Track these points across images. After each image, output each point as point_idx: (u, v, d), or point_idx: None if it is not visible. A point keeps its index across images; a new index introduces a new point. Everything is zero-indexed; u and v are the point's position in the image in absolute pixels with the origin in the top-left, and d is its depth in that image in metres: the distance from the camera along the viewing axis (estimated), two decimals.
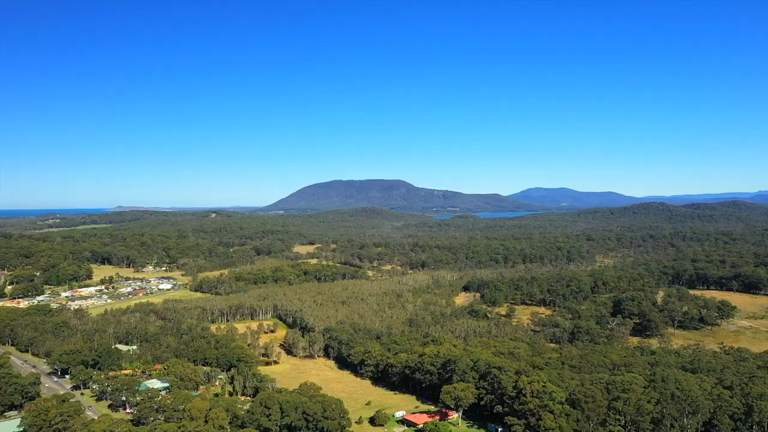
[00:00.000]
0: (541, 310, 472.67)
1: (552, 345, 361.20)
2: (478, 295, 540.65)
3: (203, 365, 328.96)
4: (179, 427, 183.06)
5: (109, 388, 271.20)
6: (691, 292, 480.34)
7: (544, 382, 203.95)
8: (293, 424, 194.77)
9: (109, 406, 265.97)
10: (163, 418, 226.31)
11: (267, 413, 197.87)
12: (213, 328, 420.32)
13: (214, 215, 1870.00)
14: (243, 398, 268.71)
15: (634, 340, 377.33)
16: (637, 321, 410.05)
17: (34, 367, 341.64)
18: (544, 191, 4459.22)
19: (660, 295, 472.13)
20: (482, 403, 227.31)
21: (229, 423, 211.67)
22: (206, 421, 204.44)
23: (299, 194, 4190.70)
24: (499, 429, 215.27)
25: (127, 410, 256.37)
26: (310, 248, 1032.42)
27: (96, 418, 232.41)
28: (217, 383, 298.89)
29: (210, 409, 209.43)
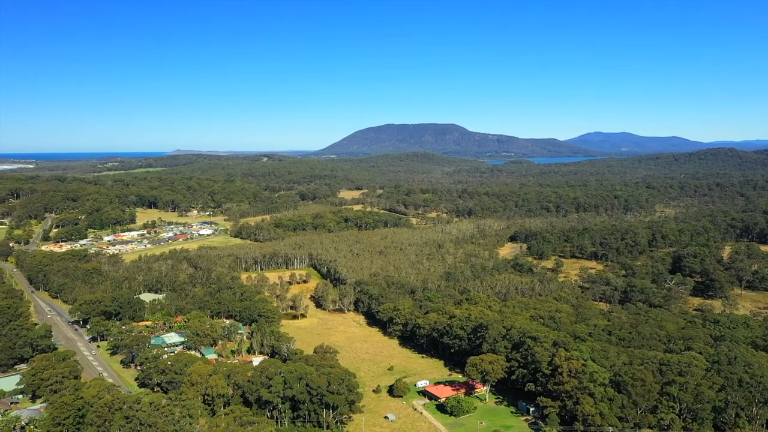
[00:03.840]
0: (592, 264, 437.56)
1: (601, 305, 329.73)
2: (524, 246, 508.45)
3: (227, 318, 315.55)
4: (168, 399, 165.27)
5: (122, 343, 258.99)
6: (762, 248, 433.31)
7: (585, 360, 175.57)
8: (296, 397, 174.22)
9: (121, 362, 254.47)
10: (165, 380, 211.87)
11: (268, 384, 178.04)
12: (244, 277, 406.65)
13: (265, 159, 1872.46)
14: (259, 357, 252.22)
15: (695, 302, 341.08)
16: (699, 280, 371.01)
17: (58, 315, 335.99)
18: (603, 136, 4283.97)
19: (726, 251, 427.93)
20: (513, 377, 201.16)
21: (232, 390, 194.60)
22: (206, 389, 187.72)
23: (352, 138, 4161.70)
24: (531, 409, 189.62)
25: (137, 367, 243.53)
26: (356, 194, 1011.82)
27: (97, 376, 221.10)
28: (237, 338, 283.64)
29: (211, 375, 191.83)
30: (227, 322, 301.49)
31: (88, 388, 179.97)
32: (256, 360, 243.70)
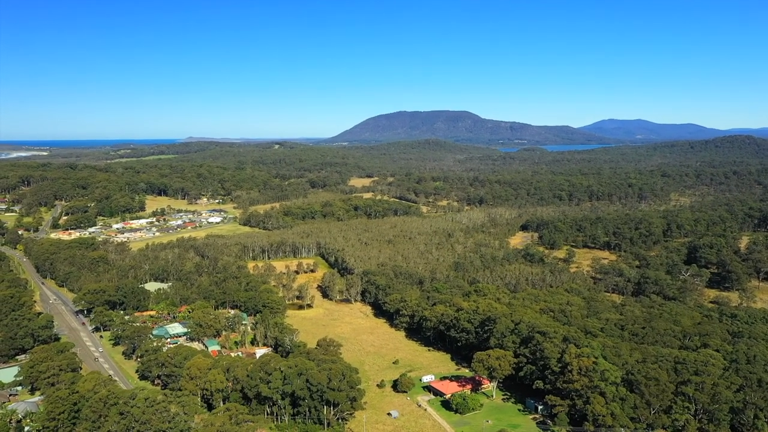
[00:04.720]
0: (605, 254, 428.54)
1: (614, 297, 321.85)
2: (536, 235, 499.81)
3: (232, 308, 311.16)
4: (163, 395, 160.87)
5: (123, 334, 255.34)
6: None
7: (596, 358, 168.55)
8: (296, 393, 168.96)
9: (123, 353, 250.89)
10: (165, 373, 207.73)
11: (267, 380, 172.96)
12: (251, 266, 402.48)
13: (277, 146, 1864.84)
14: (262, 349, 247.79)
15: (711, 293, 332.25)
16: (715, 271, 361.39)
17: (63, 304, 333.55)
18: (618, 123, 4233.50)
19: (743, 242, 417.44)
20: (521, 374, 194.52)
21: (232, 384, 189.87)
22: (205, 383, 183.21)
23: (364, 125, 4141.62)
24: (539, 407, 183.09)
25: (138, 359, 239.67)
26: (367, 181, 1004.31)
27: (97, 368, 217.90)
28: (241, 329, 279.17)
29: (210, 369, 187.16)
30: (231, 312, 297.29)
31: (84, 382, 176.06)
32: (260, 352, 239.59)
